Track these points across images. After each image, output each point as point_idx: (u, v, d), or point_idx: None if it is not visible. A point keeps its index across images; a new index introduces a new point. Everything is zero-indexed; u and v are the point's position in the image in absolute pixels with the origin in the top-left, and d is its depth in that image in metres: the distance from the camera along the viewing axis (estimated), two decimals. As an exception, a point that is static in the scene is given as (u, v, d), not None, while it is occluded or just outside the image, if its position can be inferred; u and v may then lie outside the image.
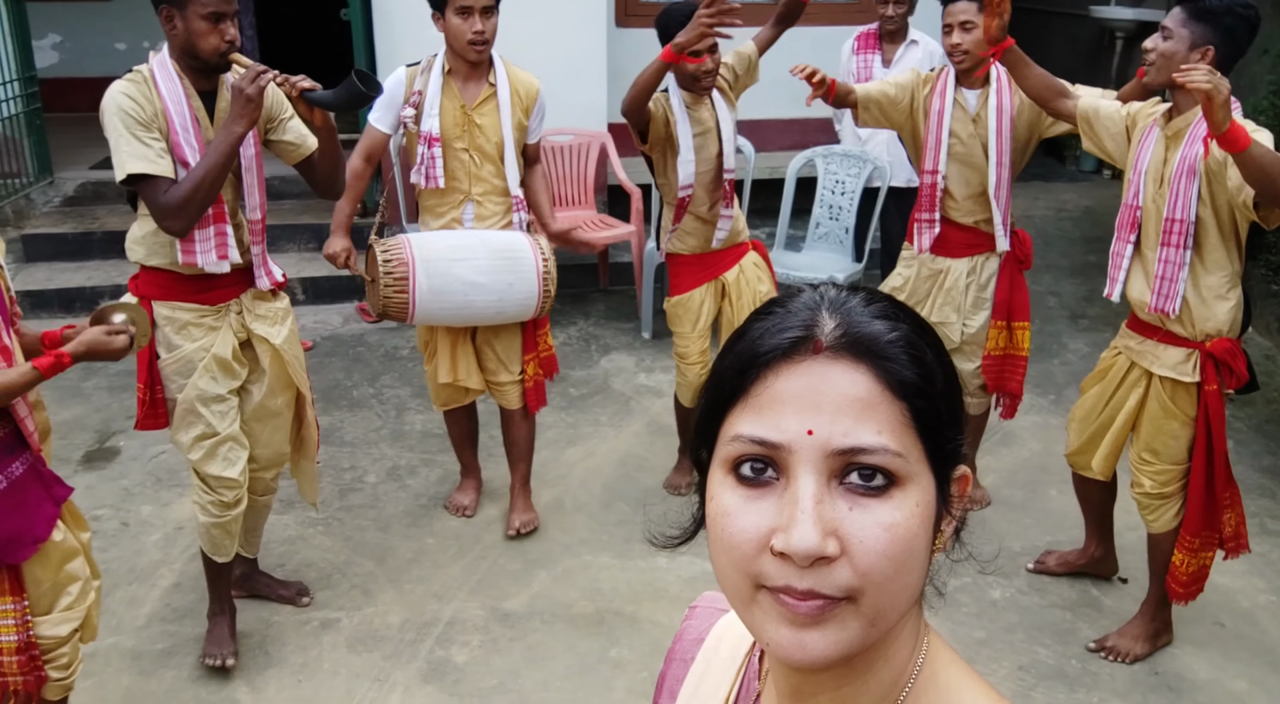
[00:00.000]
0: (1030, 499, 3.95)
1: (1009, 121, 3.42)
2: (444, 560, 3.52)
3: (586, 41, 5.92)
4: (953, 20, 3.35)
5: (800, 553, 0.67)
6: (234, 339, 2.87)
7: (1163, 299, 2.81)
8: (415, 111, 3.28)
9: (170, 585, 3.38)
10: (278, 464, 3.14)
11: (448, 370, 3.50)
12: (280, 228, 5.93)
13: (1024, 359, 3.63)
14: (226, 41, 2.61)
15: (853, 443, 0.69)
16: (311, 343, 5.19)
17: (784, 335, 0.72)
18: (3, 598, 2.28)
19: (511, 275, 3.27)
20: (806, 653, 0.70)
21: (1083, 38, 8.17)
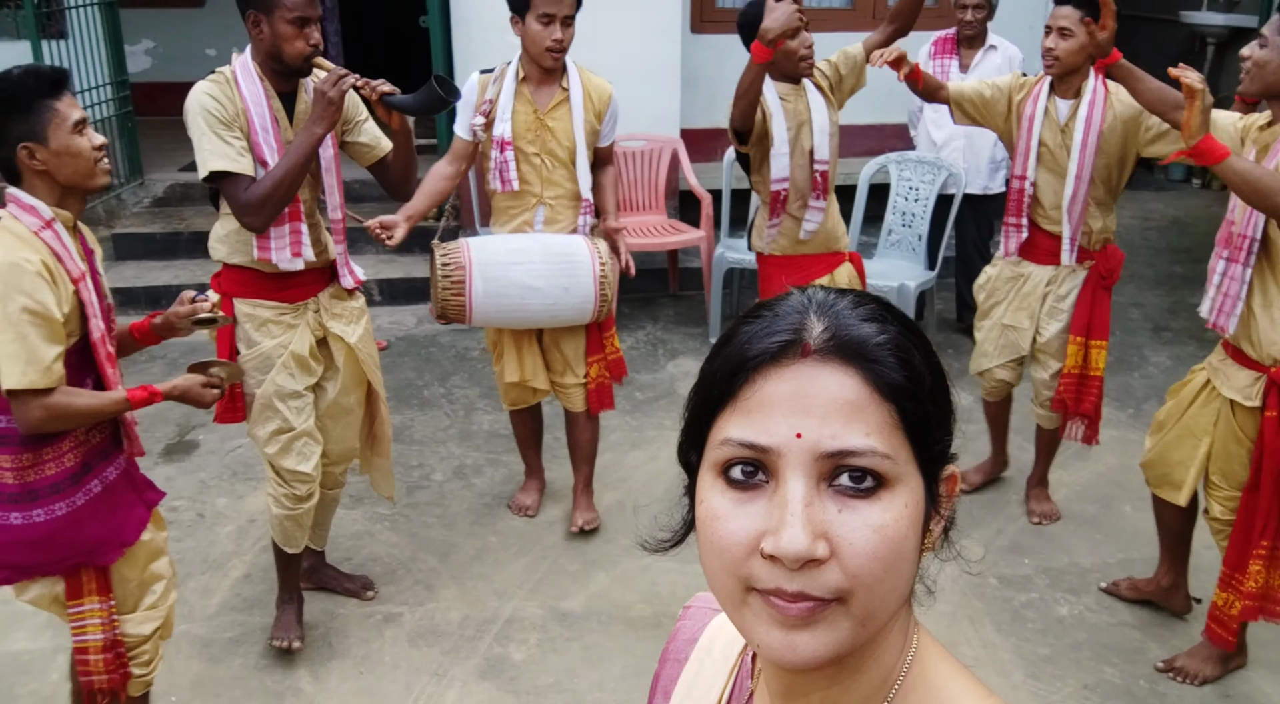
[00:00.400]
0: (1103, 515, 3.85)
1: (1096, 136, 3.32)
2: (505, 559, 3.56)
3: (661, 47, 5.94)
4: (1053, 24, 3.27)
5: (790, 555, 0.68)
6: (311, 337, 2.93)
7: (1220, 315, 2.75)
8: (485, 120, 3.32)
9: (241, 576, 3.47)
10: (348, 459, 3.22)
11: (515, 370, 3.54)
12: (359, 230, 6.03)
13: (1098, 380, 3.54)
14: (311, 46, 2.67)
15: (841, 445, 0.69)
16: (387, 343, 5.29)
17: (772, 339, 0.72)
18: (90, 597, 2.35)
19: (567, 279, 3.30)
20: (797, 654, 0.70)
21: (1172, 44, 7.95)
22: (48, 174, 2.17)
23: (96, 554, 2.32)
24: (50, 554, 2.27)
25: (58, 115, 2.15)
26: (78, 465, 2.27)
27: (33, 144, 2.13)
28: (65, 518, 2.24)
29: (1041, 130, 3.40)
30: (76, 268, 2.19)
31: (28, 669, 3.03)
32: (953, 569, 0.79)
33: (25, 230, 2.13)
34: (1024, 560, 3.55)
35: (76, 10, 6.13)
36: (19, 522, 2.21)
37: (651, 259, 6.12)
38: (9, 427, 2.18)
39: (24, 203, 2.15)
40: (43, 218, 2.15)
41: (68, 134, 2.16)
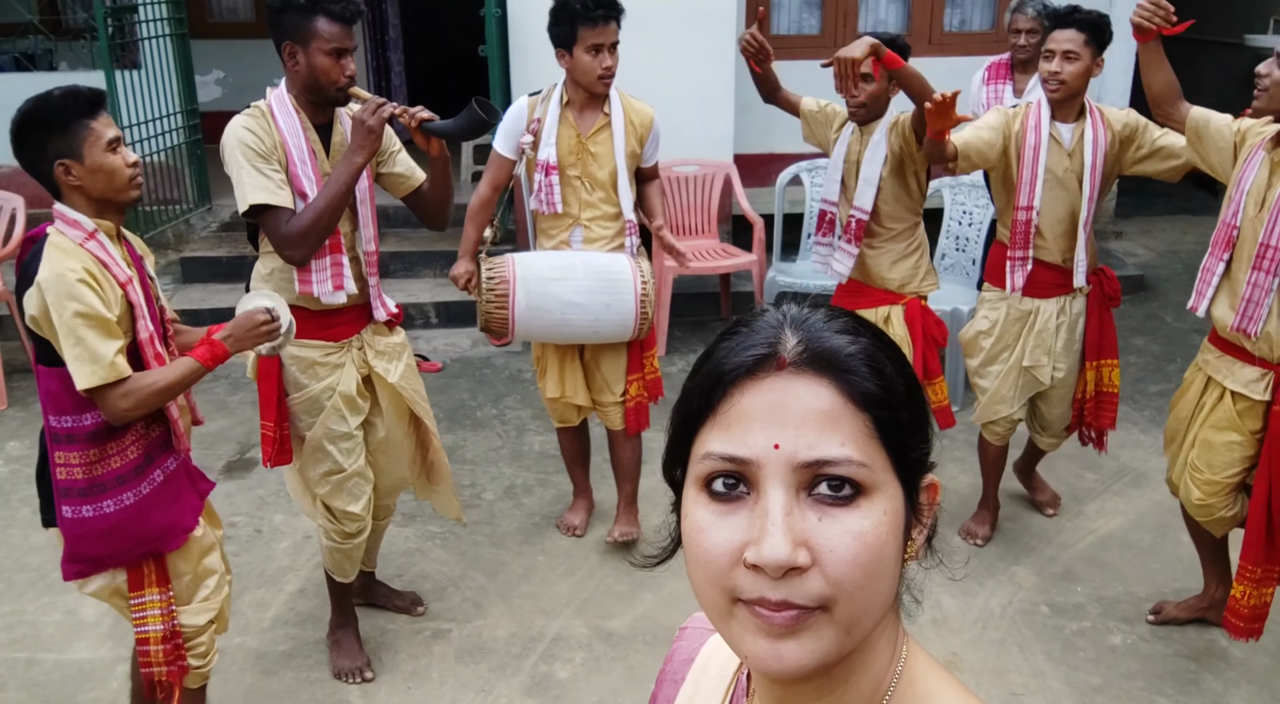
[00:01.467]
0: (1159, 543, 3.78)
1: (1103, 156, 3.34)
2: (553, 578, 3.59)
3: (715, 72, 5.99)
4: (1055, 48, 3.26)
5: (772, 564, 0.69)
6: (357, 375, 2.94)
7: (1246, 320, 2.77)
8: (534, 138, 3.40)
9: (296, 591, 3.54)
10: (398, 490, 3.28)
11: (555, 386, 3.61)
12: (417, 254, 6.18)
13: (1115, 395, 3.61)
14: (347, 77, 2.70)
15: (818, 455, 0.71)
16: (442, 364, 5.38)
17: (748, 353, 0.74)
18: (150, 589, 2.46)
19: (608, 296, 3.36)
20: (784, 663, 0.71)
21: (1237, 68, 7.82)
22: (82, 189, 2.26)
23: (162, 541, 2.43)
24: (121, 543, 2.37)
25: (93, 134, 2.24)
26: (140, 457, 2.38)
27: (69, 161, 2.23)
28: (133, 507, 2.35)
29: (1048, 158, 3.35)
30: (123, 273, 2.30)
31: (90, 677, 3.12)
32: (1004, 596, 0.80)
33: (70, 243, 2.24)
34: (1076, 588, 3.50)
35: (150, 42, 6.35)
36: (90, 514, 2.32)
37: (704, 283, 6.15)
38: (75, 425, 2.29)
39: (68, 218, 2.27)
40: (85, 230, 2.26)
41: (101, 152, 2.25)
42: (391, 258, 6.13)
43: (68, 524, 2.33)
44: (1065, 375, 3.53)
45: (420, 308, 5.83)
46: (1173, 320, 5.75)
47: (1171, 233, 7.41)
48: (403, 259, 6.17)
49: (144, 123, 6.24)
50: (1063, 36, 3.24)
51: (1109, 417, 3.61)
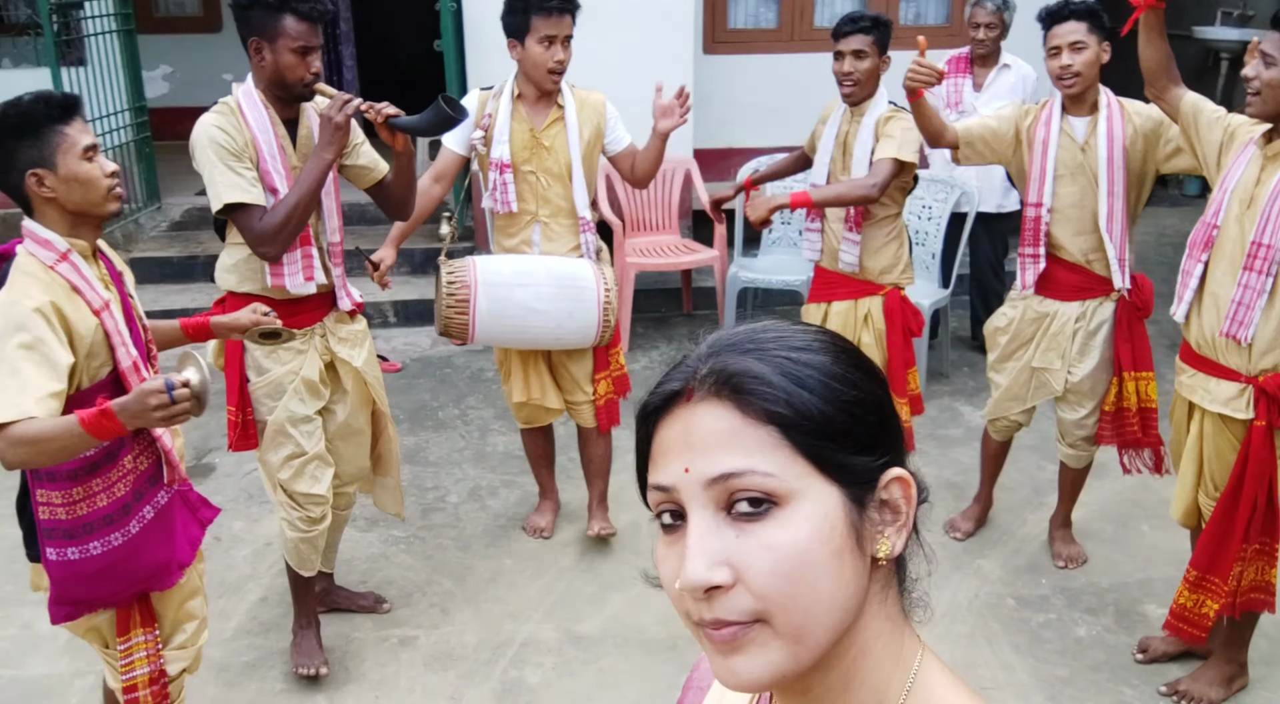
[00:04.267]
0: (1121, 533, 3.82)
1: (1121, 149, 3.20)
2: (521, 581, 3.56)
3: (674, 68, 5.95)
4: (1061, 42, 3.17)
5: (690, 586, 0.72)
6: (320, 361, 2.96)
7: (1236, 325, 2.67)
8: (484, 133, 3.35)
9: (257, 600, 3.48)
10: (359, 479, 3.24)
11: (521, 390, 3.57)
12: (373, 252, 6.08)
13: (1155, 410, 3.42)
14: (312, 73, 2.71)
15: (721, 469, 0.73)
16: (401, 364, 5.31)
17: (662, 390, 0.79)
18: (137, 630, 2.35)
19: (571, 304, 3.31)
20: (738, 679, 0.74)
21: (1186, 59, 7.93)
22: (57, 201, 2.11)
23: (156, 580, 2.31)
24: (111, 585, 2.25)
25: (67, 140, 2.10)
26: (129, 494, 2.23)
27: (42, 171, 2.08)
28: (121, 548, 2.22)
29: (1059, 153, 3.26)
30: (98, 298, 2.13)
31: (48, 693, 3.04)
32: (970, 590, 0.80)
33: (38, 267, 2.08)
34: (1041, 580, 3.53)
35: (96, 38, 6.21)
36: (76, 557, 2.18)
37: (666, 279, 6.13)
38: None
39: (39, 237, 2.10)
40: (57, 251, 2.10)
41: (77, 160, 2.10)
42: (347, 256, 6.01)
43: (53, 567, 2.19)
44: (1080, 380, 3.38)
45: (379, 307, 5.75)
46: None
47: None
48: (357, 258, 6.06)
49: (91, 121, 6.09)
50: (1064, 29, 3.17)
51: (1154, 434, 3.43)
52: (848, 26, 3.45)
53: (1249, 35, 7.35)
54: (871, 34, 3.42)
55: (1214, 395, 2.76)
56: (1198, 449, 2.86)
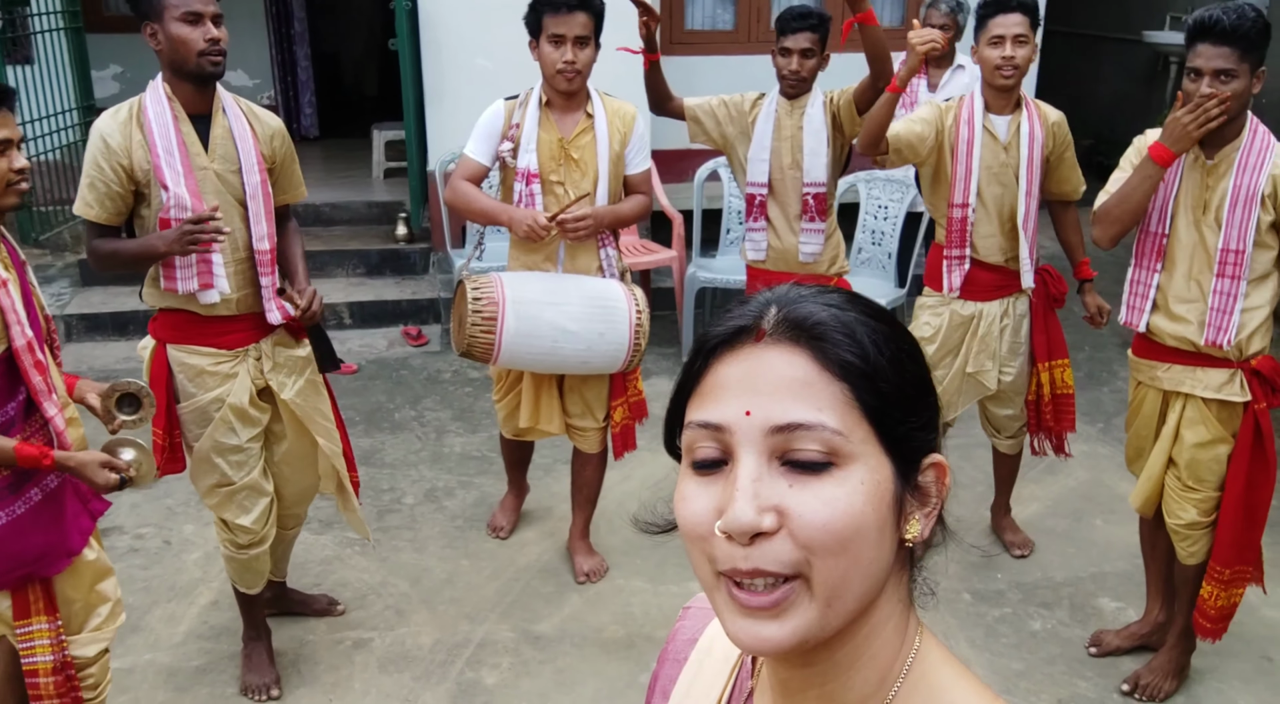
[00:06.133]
0: (1075, 528, 3.86)
1: (1040, 148, 3.27)
2: (477, 582, 3.52)
3: (629, 67, 5.93)
4: (1005, 33, 3.15)
5: (736, 529, 0.69)
6: (251, 385, 2.79)
7: (1217, 331, 2.71)
8: (513, 146, 3.18)
9: (208, 603, 3.41)
10: (307, 499, 3.13)
11: (530, 415, 3.38)
12: (329, 253, 6.04)
13: (1072, 395, 3.52)
14: (207, 40, 2.51)
15: (790, 419, 0.71)
16: (357, 366, 5.26)
17: (728, 325, 0.76)
18: (38, 617, 2.30)
19: (603, 325, 3.14)
20: (762, 641, 0.72)
21: (1136, 63, 8.07)
22: None
23: (42, 564, 2.27)
24: None
25: None
26: (14, 473, 2.20)
27: None
28: (6, 527, 2.19)
29: (982, 152, 3.25)
30: None
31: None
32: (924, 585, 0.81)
33: None
34: (996, 575, 3.55)
35: (43, 36, 6.09)
36: None
37: (624, 280, 6.11)
38: None
39: None
40: None
41: None
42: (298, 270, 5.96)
43: None
44: (1014, 379, 3.45)
45: (334, 308, 5.69)
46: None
47: (1077, 225, 7.59)
48: (315, 259, 6.00)
49: (38, 120, 5.99)
50: (1010, 21, 3.15)
51: (1069, 419, 3.52)
52: (796, 23, 3.41)
53: (1197, 40, 7.47)
54: (819, 32, 3.42)
55: (1205, 382, 2.78)
56: (1171, 440, 2.87)
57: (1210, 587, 2.84)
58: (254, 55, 8.20)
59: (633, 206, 3.31)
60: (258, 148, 2.72)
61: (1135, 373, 2.98)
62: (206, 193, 2.63)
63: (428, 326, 5.73)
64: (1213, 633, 2.89)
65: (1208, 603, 2.86)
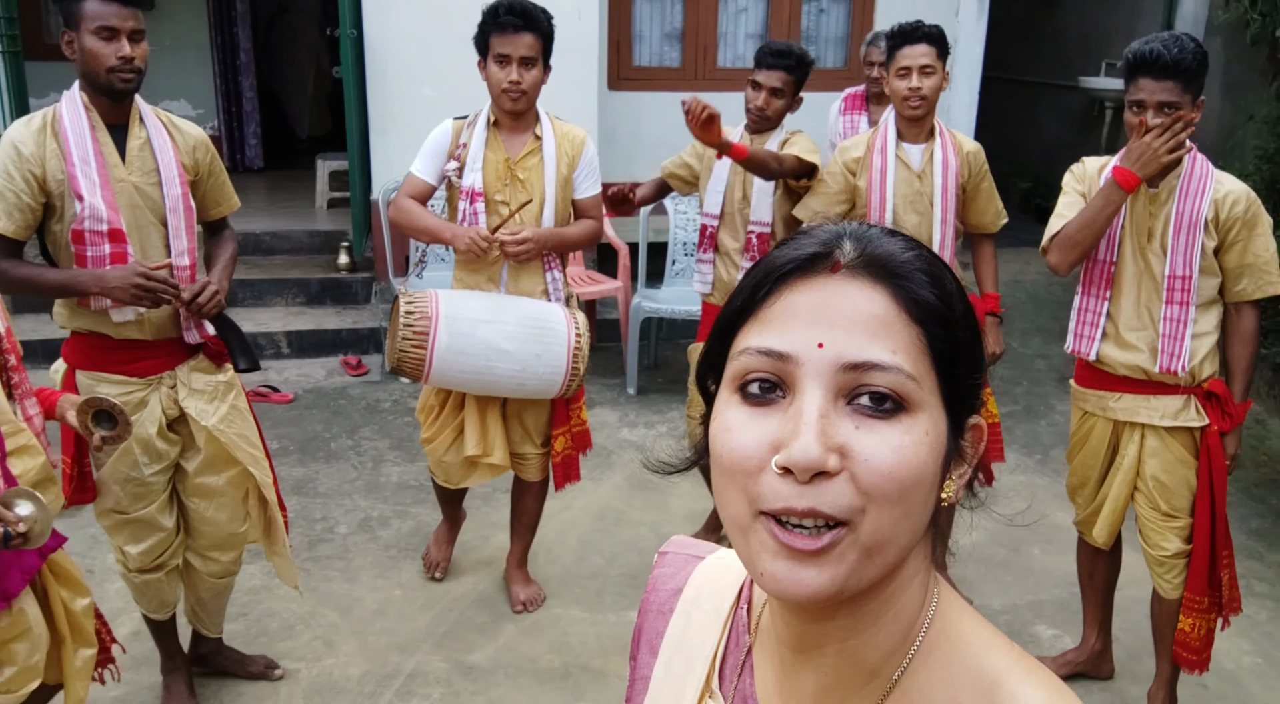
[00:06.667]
0: (1013, 558, 3.87)
1: (955, 176, 3.27)
2: (410, 612, 3.44)
3: (579, 103, 5.97)
4: (911, 63, 3.17)
5: (801, 465, 0.65)
6: (162, 415, 2.67)
7: (1170, 358, 2.70)
8: (459, 165, 3.15)
9: (129, 633, 3.29)
10: (232, 546, 2.91)
11: (477, 441, 3.25)
12: (269, 282, 5.95)
13: (997, 424, 3.48)
14: (119, 58, 2.45)
15: (866, 357, 0.68)
16: (293, 396, 5.16)
17: (802, 251, 0.72)
18: None
19: (539, 346, 3.08)
20: (803, 588, 0.67)
21: (1072, 108, 8.26)
22: None
23: None
24: None
25: None
26: None
27: None
28: None
29: (896, 182, 3.26)
30: None
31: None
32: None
33: None
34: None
35: (-22, 59, 5.98)
36: None
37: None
38: None
39: None
40: None
41: None
42: (240, 285, 5.87)
43: None
44: None
45: (271, 337, 5.59)
46: (1019, 346, 5.97)
47: (1015, 263, 7.71)
48: (252, 287, 5.93)
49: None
50: (916, 52, 3.17)
51: (995, 448, 3.45)
52: (772, 59, 3.37)
53: (1130, 85, 7.67)
54: (794, 74, 3.38)
55: (1161, 410, 2.76)
56: (1134, 472, 2.84)
57: (1189, 618, 2.80)
58: (198, 85, 8.13)
59: (580, 230, 3.26)
60: (178, 159, 2.65)
61: (1080, 403, 2.94)
62: (123, 205, 2.55)
63: (368, 356, 5.65)
64: (1200, 664, 2.83)
65: (1190, 635, 2.81)
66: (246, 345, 2.83)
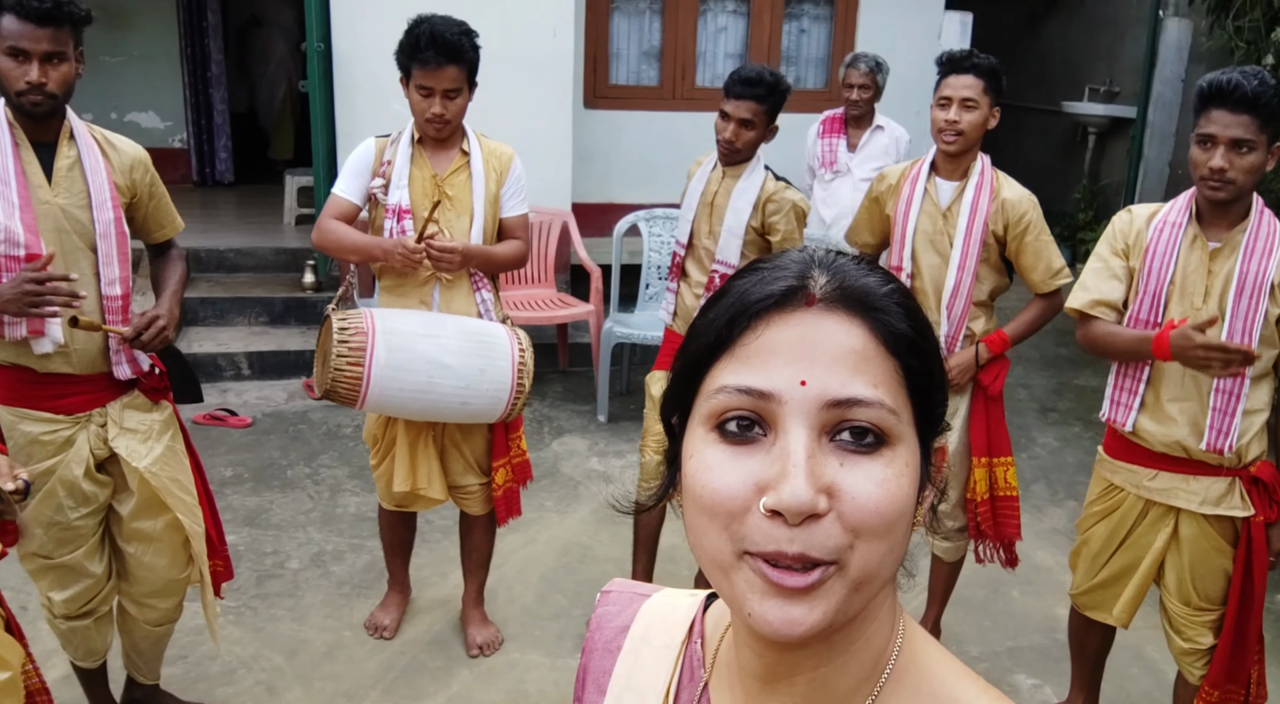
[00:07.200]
0: (991, 600, 3.73)
1: (983, 222, 2.93)
2: (360, 655, 3.26)
3: (553, 121, 5.85)
4: (953, 94, 2.88)
5: (793, 508, 0.64)
6: (89, 456, 2.49)
7: (1219, 435, 2.42)
8: (384, 182, 3.01)
9: (61, 676, 3.10)
10: (172, 593, 2.73)
11: (405, 476, 3.09)
12: (229, 300, 5.77)
13: (1015, 499, 3.13)
14: (26, 82, 2.28)
15: (850, 393, 0.67)
16: (252, 419, 4.99)
17: (776, 285, 0.70)
18: None
19: (483, 361, 2.90)
20: (795, 627, 0.66)
21: (1056, 133, 8.20)
22: None
23: None
24: None
25: None
26: None
27: None
28: None
29: (919, 216, 3.00)
30: None
31: None
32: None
33: None
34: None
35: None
36: None
37: (541, 334, 5.93)
38: None
39: None
40: None
41: None
42: (201, 303, 5.70)
43: None
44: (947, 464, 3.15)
45: (231, 358, 5.42)
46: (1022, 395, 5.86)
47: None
48: (213, 305, 5.75)
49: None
50: (960, 82, 2.88)
51: (1012, 525, 3.11)
52: (739, 88, 3.11)
53: (1115, 111, 7.62)
54: (765, 103, 3.11)
55: (1203, 496, 2.50)
56: (1162, 556, 2.61)
57: None
58: (167, 97, 7.95)
59: (507, 250, 3.11)
60: (111, 180, 2.47)
61: (1108, 474, 2.68)
62: (46, 230, 2.37)
63: (332, 379, 5.48)
64: None
65: None
66: (189, 374, 2.69)
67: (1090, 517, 2.75)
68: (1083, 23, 8.19)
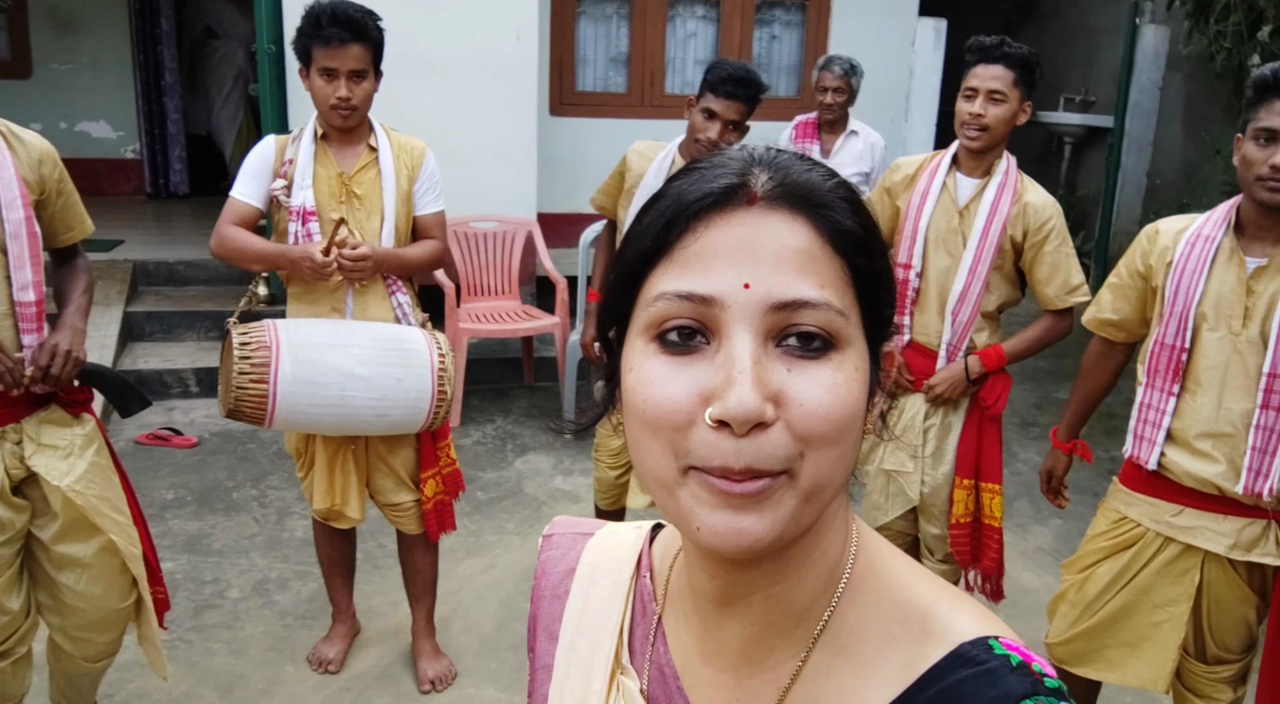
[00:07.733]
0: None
1: (1001, 225, 2.71)
2: (301, 692, 3.02)
3: (517, 128, 5.66)
4: (980, 86, 2.67)
5: (739, 418, 0.62)
6: (4, 478, 2.26)
7: (1257, 478, 2.16)
8: (286, 183, 2.79)
9: (-28, 720, 2.86)
10: (112, 625, 2.49)
11: (325, 493, 2.90)
12: (176, 315, 5.53)
13: (998, 530, 2.88)
14: None
15: (796, 295, 0.64)
16: (197, 439, 4.73)
17: (715, 184, 0.66)
18: None
19: (399, 369, 2.70)
20: (744, 537, 0.64)
21: (1032, 143, 8.09)
22: None
23: None
24: None
25: None
26: None
27: None
28: None
29: (934, 212, 2.77)
30: None
31: None
32: None
33: None
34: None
35: None
36: None
37: (505, 347, 5.74)
38: None
39: None
40: None
41: None
42: (148, 318, 5.45)
43: None
44: (938, 487, 2.87)
45: (179, 375, 5.16)
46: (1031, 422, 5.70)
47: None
48: (161, 320, 5.49)
49: None
50: (988, 73, 2.65)
51: (991, 557, 2.87)
52: (732, 88, 2.92)
53: (1091, 121, 7.53)
54: (751, 104, 2.98)
55: (1234, 539, 2.24)
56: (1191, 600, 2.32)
57: None
58: (119, 105, 7.67)
59: (421, 251, 2.90)
60: (19, 176, 2.23)
61: (1122, 507, 2.41)
62: None
63: (285, 396, 5.24)
64: None
65: None
66: (124, 385, 2.47)
67: (1091, 553, 2.47)
68: (1058, 31, 8.10)
